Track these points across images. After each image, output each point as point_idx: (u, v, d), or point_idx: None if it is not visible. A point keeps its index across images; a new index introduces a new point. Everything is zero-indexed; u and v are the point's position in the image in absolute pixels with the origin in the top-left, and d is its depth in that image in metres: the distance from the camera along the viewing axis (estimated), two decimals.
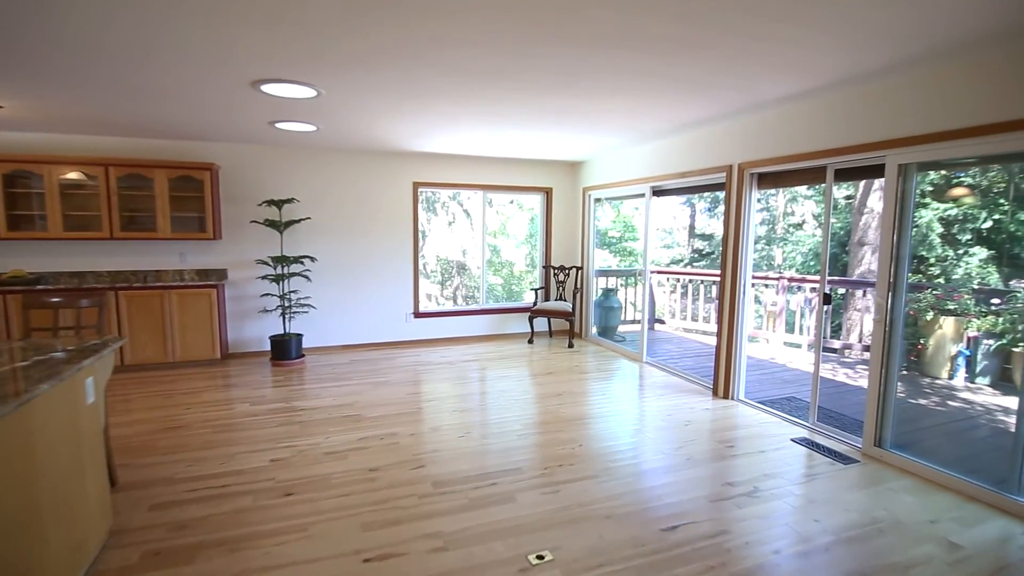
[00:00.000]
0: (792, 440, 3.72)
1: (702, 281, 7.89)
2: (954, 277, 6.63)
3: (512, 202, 8.31)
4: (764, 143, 4.16)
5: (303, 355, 5.78)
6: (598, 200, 6.84)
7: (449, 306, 8.17)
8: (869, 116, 3.35)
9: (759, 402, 4.51)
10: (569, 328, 6.58)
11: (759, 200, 4.42)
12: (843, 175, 3.75)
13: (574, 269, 6.92)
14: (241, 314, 5.81)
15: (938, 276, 6.91)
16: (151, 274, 5.49)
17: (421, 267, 7.23)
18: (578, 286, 6.82)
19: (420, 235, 6.63)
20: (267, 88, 3.36)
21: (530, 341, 6.74)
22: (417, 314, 6.55)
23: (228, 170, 5.61)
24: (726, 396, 4.60)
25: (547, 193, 7.06)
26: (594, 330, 7.11)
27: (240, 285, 5.75)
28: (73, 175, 4.92)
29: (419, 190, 6.45)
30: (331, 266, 6.10)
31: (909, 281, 3.36)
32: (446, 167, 6.45)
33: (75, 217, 5.02)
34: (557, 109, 3.97)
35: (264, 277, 5.54)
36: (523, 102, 3.78)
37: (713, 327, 7.36)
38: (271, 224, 5.42)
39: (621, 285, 7.95)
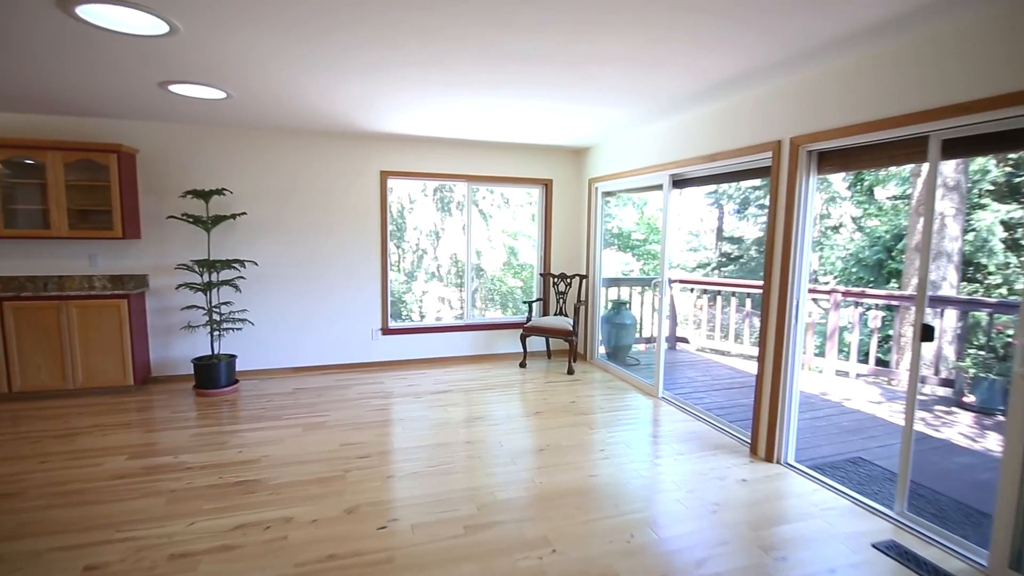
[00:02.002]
0: (875, 547, 2.46)
1: (733, 293, 6.56)
2: None
3: (506, 201, 7.15)
4: (827, 107, 2.90)
5: (236, 381, 4.73)
6: (607, 194, 5.62)
7: (445, 316, 7.05)
8: (1009, 53, 2.08)
9: (815, 468, 3.24)
10: (570, 350, 5.38)
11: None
12: (958, 148, 2.47)
13: (577, 278, 5.72)
14: (167, 329, 4.80)
15: None
16: (52, 280, 4.53)
17: (435, 270, 6.17)
18: (582, 298, 5.62)
19: (431, 236, 5.55)
20: (98, 19, 2.29)
21: (522, 364, 5.56)
22: (386, 330, 5.45)
23: (151, 155, 4.61)
24: (769, 458, 3.34)
25: (546, 186, 5.87)
26: (601, 350, 5.89)
27: (166, 294, 4.75)
28: None
29: (389, 181, 5.35)
30: (275, 272, 5.04)
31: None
32: (422, 154, 5.33)
33: None
34: (543, 58, 2.80)
35: (184, 285, 4.51)
36: (493, 56, 2.63)
37: (749, 348, 6.05)
38: (195, 221, 4.39)
39: (638, 292, 6.70)
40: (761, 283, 4.01)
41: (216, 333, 4.61)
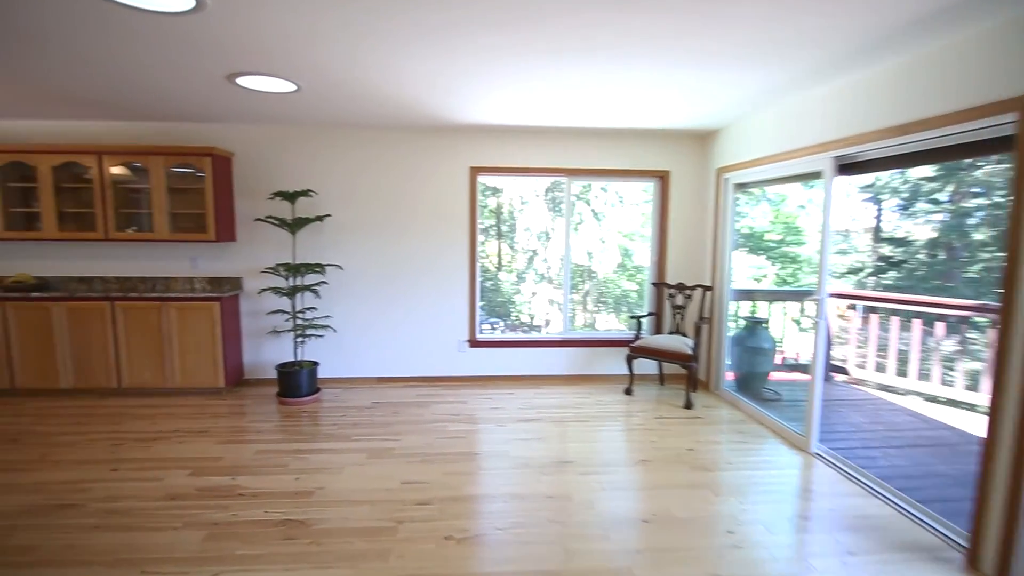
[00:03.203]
0: None
1: (916, 313, 5.00)
2: None
3: (620, 199, 6.26)
4: None
5: (318, 390, 4.51)
6: (741, 187, 4.53)
7: (554, 319, 6.41)
8: None
9: None
10: (688, 377, 4.40)
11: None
12: None
13: (699, 289, 4.71)
14: (258, 332, 4.75)
15: None
16: (159, 281, 4.68)
17: (544, 272, 5.67)
18: (705, 314, 4.60)
19: (541, 237, 5.03)
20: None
21: (628, 391, 4.69)
22: (473, 342, 4.94)
23: (246, 158, 4.57)
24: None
25: (662, 179, 4.93)
26: (729, 377, 4.80)
27: (257, 297, 4.69)
28: (66, 166, 4.22)
29: (480, 177, 4.82)
30: (359, 277, 4.77)
31: None
32: (516, 146, 4.72)
33: (71, 215, 4.35)
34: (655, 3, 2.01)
35: (268, 289, 4.37)
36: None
37: (939, 389, 4.55)
38: (281, 223, 4.23)
39: (778, 307, 5.44)
40: (961, 301, 2.76)
41: (299, 339, 4.42)
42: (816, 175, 3.48)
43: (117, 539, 2.48)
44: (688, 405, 4.34)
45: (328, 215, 4.48)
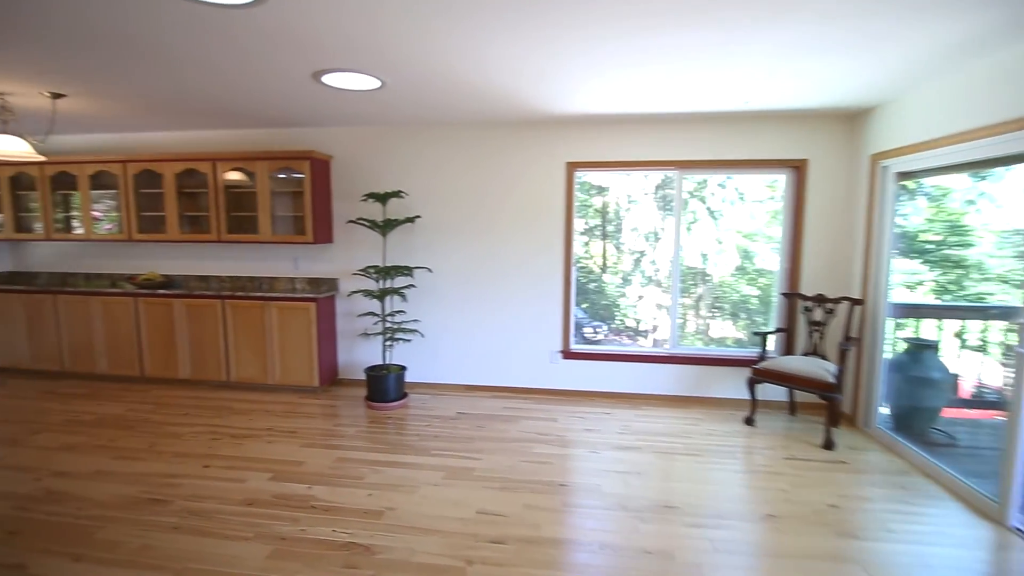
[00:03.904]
0: None
1: None
2: None
3: (740, 196, 5.42)
4: None
5: (406, 394, 4.38)
6: (906, 176, 3.62)
7: (661, 329, 5.81)
8: None
9: None
10: (829, 409, 3.59)
11: None
12: None
13: (845, 303, 3.85)
14: (352, 333, 4.75)
15: None
16: (265, 281, 4.86)
17: (652, 274, 5.20)
18: (853, 334, 3.74)
19: (649, 238, 4.62)
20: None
21: (749, 421, 3.96)
22: (567, 353, 4.51)
23: (343, 160, 4.59)
24: None
25: (797, 169, 4.13)
26: (883, 412, 3.87)
27: (352, 299, 4.69)
28: (187, 172, 4.52)
29: (578, 173, 4.39)
30: (448, 280, 4.56)
31: None
32: (619, 138, 4.23)
33: (190, 218, 4.66)
34: None
35: (358, 292, 4.32)
36: None
37: None
38: (372, 225, 4.16)
39: (944, 325, 4.32)
40: None
41: (388, 343, 4.32)
42: (1017, 157, 2.58)
43: (190, 544, 2.43)
44: (828, 445, 3.54)
45: (418, 216, 4.33)
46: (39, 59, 2.71)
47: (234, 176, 4.44)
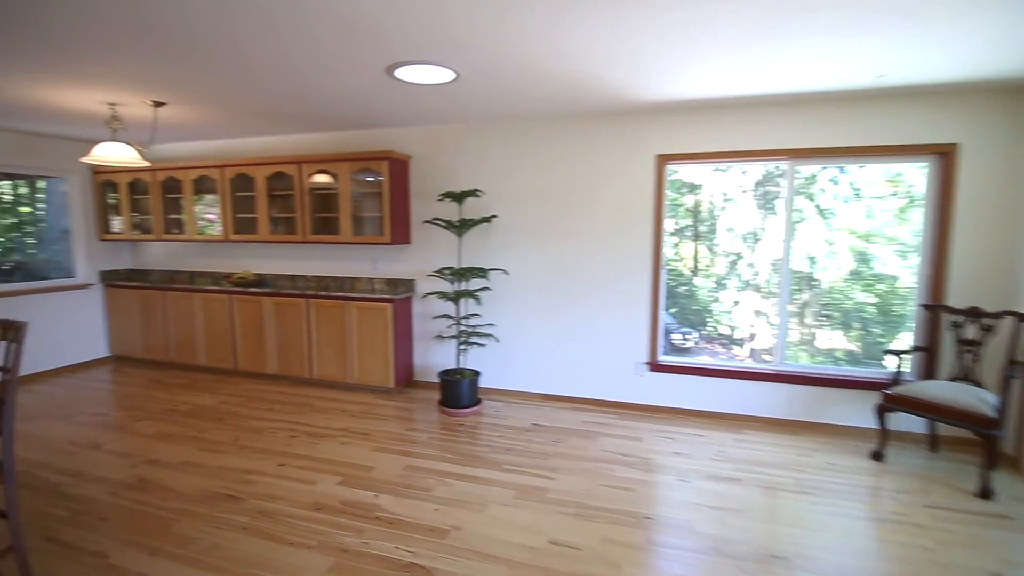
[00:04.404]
0: None
1: None
2: None
3: (856, 193, 4.64)
4: None
5: (480, 401, 4.20)
6: None
7: (761, 333, 5.23)
8: None
9: None
10: (987, 449, 2.89)
11: None
12: None
13: (1011, 318, 3.11)
14: (428, 335, 4.66)
15: None
16: (347, 281, 4.92)
17: (750, 278, 4.76)
18: (1020, 357, 3.01)
19: (748, 239, 4.21)
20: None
21: (877, 455, 3.32)
22: (654, 365, 4.10)
23: (421, 160, 4.52)
24: None
25: (944, 156, 3.43)
26: None
27: (427, 300, 4.61)
28: (276, 175, 4.67)
29: (670, 166, 3.98)
30: (525, 283, 4.32)
31: None
32: (719, 125, 3.76)
33: (279, 219, 4.81)
34: None
35: (432, 294, 4.21)
36: None
37: None
38: (448, 225, 4.03)
39: None
40: None
41: (462, 346, 4.17)
42: None
43: (255, 548, 2.39)
44: (985, 493, 2.85)
45: (494, 216, 4.14)
46: (142, 68, 2.83)
47: (319, 179, 4.52)
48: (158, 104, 3.55)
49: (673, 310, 4.46)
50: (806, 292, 4.61)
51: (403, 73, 2.96)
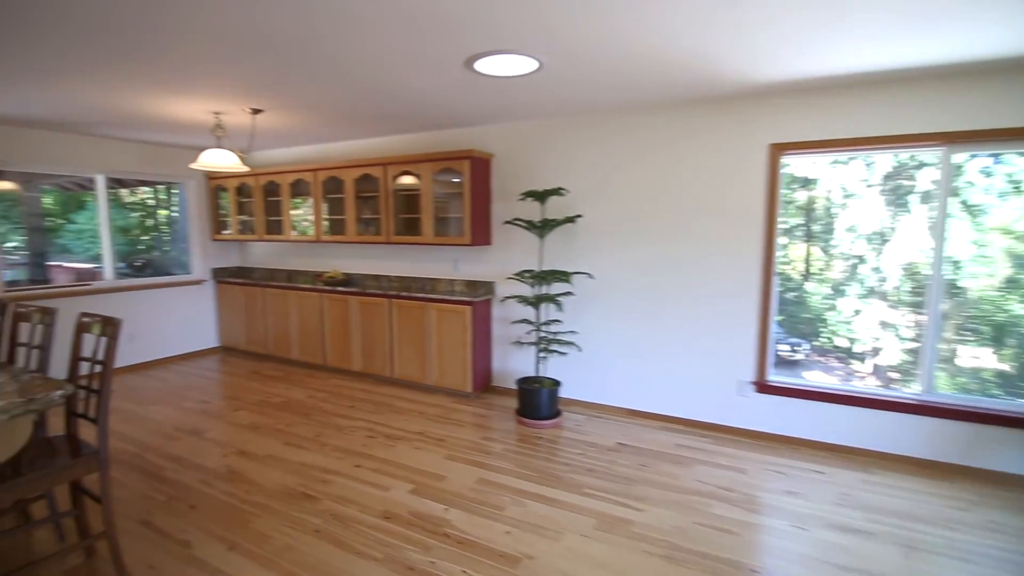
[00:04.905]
0: None
1: None
2: None
3: (1015, 186, 3.74)
4: None
5: (559, 412, 3.94)
6: None
7: (887, 349, 4.53)
8: None
9: None
10: None
11: None
12: None
13: None
14: (507, 339, 4.49)
15: None
16: (428, 282, 4.89)
17: (875, 284, 4.19)
18: None
19: (873, 239, 3.69)
20: None
21: None
22: (762, 385, 3.60)
23: (503, 159, 4.36)
24: None
25: None
26: None
27: (507, 304, 4.44)
28: (363, 177, 4.73)
29: (785, 158, 3.47)
30: (612, 288, 3.99)
31: None
32: (847, 108, 3.20)
33: (365, 220, 4.88)
34: None
35: (511, 298, 4.01)
36: None
37: None
38: (529, 226, 3.82)
39: None
40: None
41: (541, 354, 3.95)
42: None
43: (325, 553, 2.33)
44: None
45: (579, 216, 3.87)
46: (241, 76, 2.93)
47: (404, 180, 4.52)
48: (256, 111, 3.70)
49: (779, 318, 3.92)
50: (947, 301, 3.84)
51: (483, 65, 2.80)
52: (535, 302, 3.83)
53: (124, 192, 5.67)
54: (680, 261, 3.76)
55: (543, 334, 3.95)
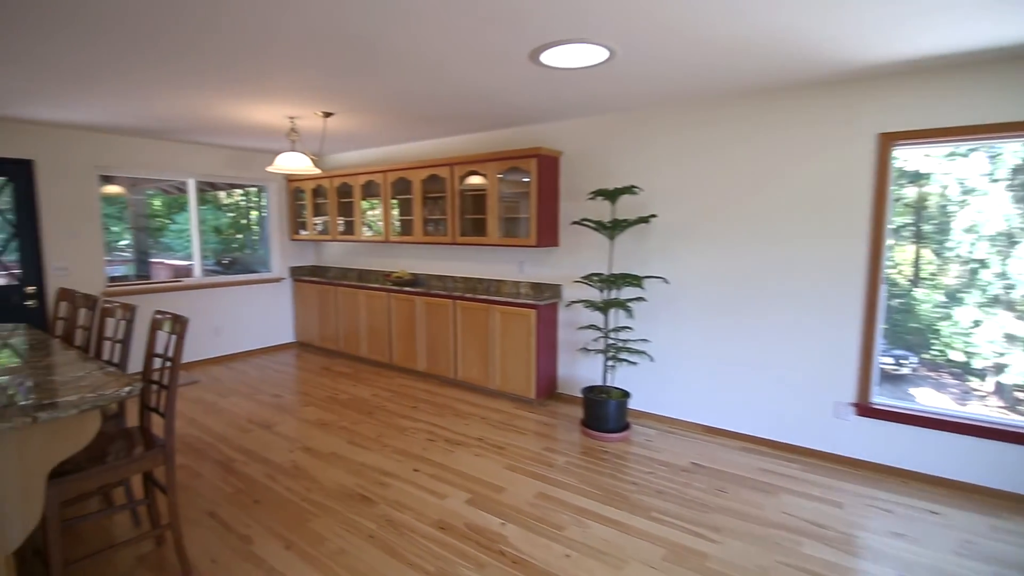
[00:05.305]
0: None
1: None
2: None
3: None
4: None
5: (628, 425, 3.70)
6: None
7: (1007, 372, 3.90)
8: None
9: None
10: None
11: None
12: None
13: None
14: (573, 345, 4.30)
15: None
16: (493, 284, 4.79)
17: (1001, 291, 3.69)
18: None
19: (998, 240, 3.24)
20: None
21: None
22: (863, 408, 3.16)
23: (573, 156, 4.17)
24: None
25: None
26: None
27: (574, 308, 4.24)
28: (430, 178, 4.72)
29: (893, 149, 3.02)
30: (689, 294, 3.68)
31: None
32: (965, 92, 2.72)
33: (432, 221, 4.87)
34: None
35: (577, 302, 3.81)
36: None
37: None
38: (598, 226, 3.61)
39: None
40: None
41: (609, 362, 3.72)
42: None
43: (376, 561, 2.27)
44: None
45: (653, 216, 3.60)
46: (312, 79, 2.97)
47: (472, 180, 4.45)
48: (327, 115, 3.78)
49: (882, 327, 3.44)
50: None
51: (549, 57, 2.64)
52: (604, 307, 3.62)
53: (222, 195, 6.08)
54: (767, 265, 3.39)
55: (612, 341, 3.73)
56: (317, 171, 4.03)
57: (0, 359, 2.26)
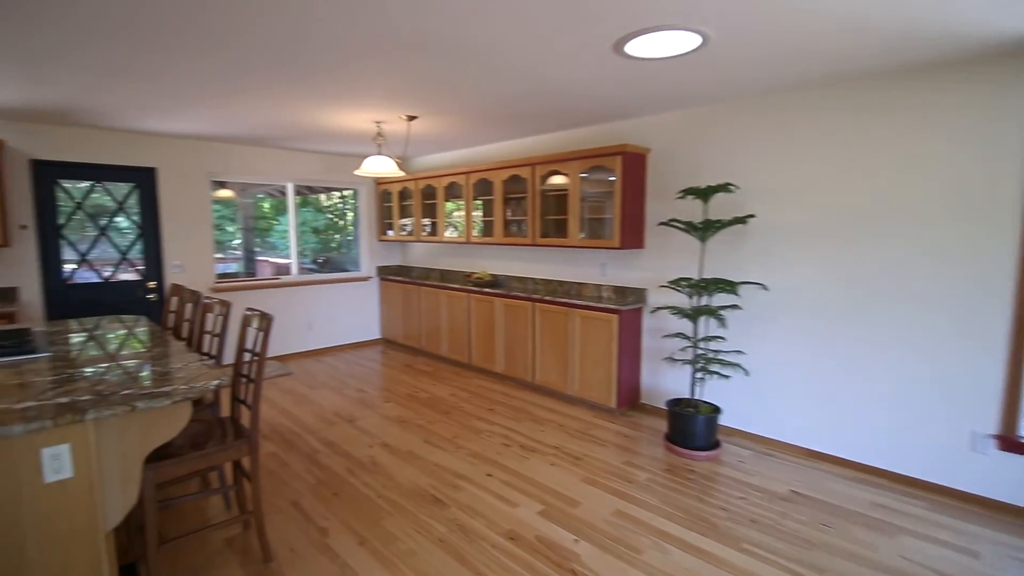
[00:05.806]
0: None
1: None
2: None
3: None
4: None
5: (718, 443, 3.40)
6: None
7: None
8: None
9: None
10: None
11: None
12: None
13: None
14: (659, 353, 4.05)
15: None
16: (573, 287, 4.65)
17: None
18: None
19: None
20: None
21: None
22: (1007, 442, 2.65)
23: (661, 153, 3.93)
24: None
25: None
26: None
27: (660, 314, 3.99)
28: (512, 179, 4.66)
29: None
30: (792, 302, 3.30)
31: None
32: None
33: (512, 222, 4.82)
34: None
35: (664, 308, 3.55)
36: None
37: None
38: (688, 227, 3.35)
39: None
40: None
41: (698, 375, 3.44)
42: None
43: (444, 566, 2.23)
44: None
45: (751, 216, 3.27)
46: (397, 82, 3.03)
47: (555, 180, 4.35)
48: (411, 118, 3.85)
49: None
50: None
51: (634, 47, 2.46)
52: (693, 315, 3.35)
53: (322, 197, 6.48)
54: (887, 271, 2.95)
55: (701, 351, 3.45)
56: (402, 173, 4.13)
57: (131, 345, 2.51)
